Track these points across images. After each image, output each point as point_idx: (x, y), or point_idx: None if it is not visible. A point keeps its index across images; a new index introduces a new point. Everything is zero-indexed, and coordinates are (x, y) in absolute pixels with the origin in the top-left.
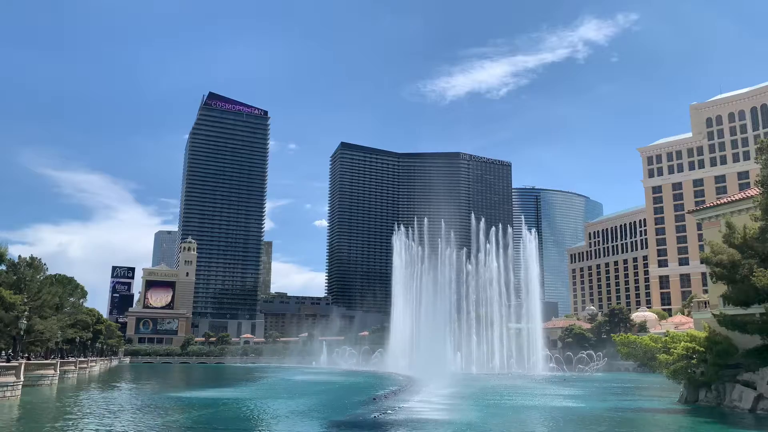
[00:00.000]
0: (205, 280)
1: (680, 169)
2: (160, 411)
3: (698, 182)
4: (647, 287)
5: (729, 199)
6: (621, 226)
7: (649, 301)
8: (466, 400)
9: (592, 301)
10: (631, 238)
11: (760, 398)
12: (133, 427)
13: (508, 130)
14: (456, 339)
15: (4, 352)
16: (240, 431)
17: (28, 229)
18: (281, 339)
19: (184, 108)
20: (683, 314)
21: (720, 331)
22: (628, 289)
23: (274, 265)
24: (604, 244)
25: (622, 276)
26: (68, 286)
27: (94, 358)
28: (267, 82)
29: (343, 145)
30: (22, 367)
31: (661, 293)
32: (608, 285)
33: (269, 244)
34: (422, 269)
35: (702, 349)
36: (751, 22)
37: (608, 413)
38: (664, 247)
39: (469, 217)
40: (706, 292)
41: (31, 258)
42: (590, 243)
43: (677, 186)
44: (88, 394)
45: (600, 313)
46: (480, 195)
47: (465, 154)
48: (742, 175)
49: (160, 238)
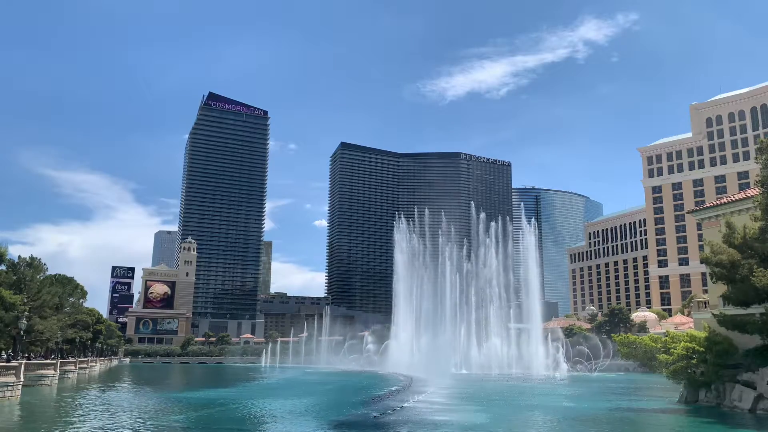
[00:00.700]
0: (205, 280)
1: (680, 169)
2: (160, 411)
3: (698, 182)
4: (647, 287)
5: (729, 199)
6: (621, 226)
7: (649, 301)
8: (467, 400)
9: (592, 301)
10: (631, 238)
11: (760, 398)
12: (132, 427)
13: (508, 130)
14: (456, 339)
15: (4, 352)
16: (240, 431)
17: (28, 229)
18: (281, 339)
19: (184, 108)
20: (683, 314)
21: (720, 331)
22: (628, 289)
23: (274, 265)
24: (604, 244)
25: (622, 276)
26: (68, 286)
27: (94, 358)
28: (267, 82)
29: (343, 145)
30: (22, 367)
31: (661, 293)
32: (608, 285)
33: (269, 244)
34: (423, 267)
35: (702, 349)
36: (751, 22)
37: (608, 413)
38: (664, 247)
39: (468, 216)
40: (706, 292)
41: (31, 258)
42: (590, 243)
43: (677, 186)
44: (87, 394)
45: (600, 313)
46: (480, 195)
47: (465, 154)
48: (742, 175)
49: (160, 238)
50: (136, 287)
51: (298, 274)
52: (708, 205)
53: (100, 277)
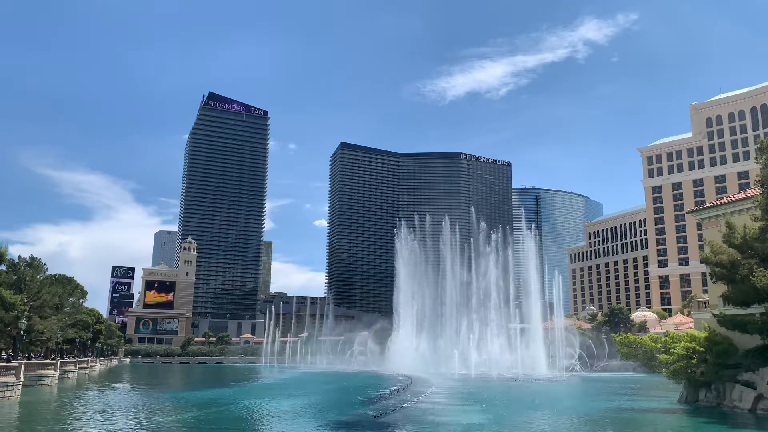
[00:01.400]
0: (205, 280)
1: (680, 169)
2: (160, 411)
3: (698, 182)
4: (647, 287)
5: (729, 199)
6: (621, 226)
7: (649, 301)
8: (467, 400)
9: (592, 301)
10: (631, 238)
11: (760, 398)
12: (132, 427)
13: (508, 130)
14: (457, 339)
15: (4, 352)
16: (240, 431)
17: (28, 229)
18: (281, 339)
19: (184, 108)
20: (683, 314)
21: (720, 331)
22: (628, 289)
23: (274, 265)
24: (604, 244)
25: (622, 276)
26: (68, 286)
27: (94, 358)
28: (267, 82)
29: (343, 145)
30: (22, 367)
31: (661, 293)
32: (608, 285)
33: (269, 244)
34: (424, 268)
35: (702, 349)
36: (751, 22)
37: (608, 413)
38: (664, 247)
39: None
40: (706, 292)
41: (31, 258)
42: (590, 243)
43: (677, 186)
44: (87, 394)
45: (600, 313)
46: (480, 195)
47: (465, 154)
48: (742, 175)
49: (160, 238)
50: (136, 287)
51: (298, 274)
52: (708, 205)
53: (100, 277)
